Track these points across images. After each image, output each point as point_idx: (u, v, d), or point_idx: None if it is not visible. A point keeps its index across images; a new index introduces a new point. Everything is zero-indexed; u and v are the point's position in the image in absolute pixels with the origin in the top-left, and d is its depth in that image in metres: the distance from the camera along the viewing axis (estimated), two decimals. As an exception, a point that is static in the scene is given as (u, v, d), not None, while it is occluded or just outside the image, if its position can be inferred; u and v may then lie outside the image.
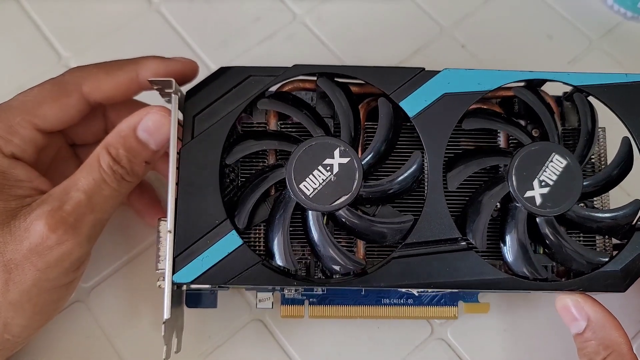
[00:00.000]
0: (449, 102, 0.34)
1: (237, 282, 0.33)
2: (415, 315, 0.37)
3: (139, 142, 0.33)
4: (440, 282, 0.33)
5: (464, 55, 0.47)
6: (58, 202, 0.31)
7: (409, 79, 0.35)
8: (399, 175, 0.34)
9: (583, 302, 0.34)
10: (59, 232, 0.31)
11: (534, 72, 0.35)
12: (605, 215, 0.34)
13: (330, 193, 0.33)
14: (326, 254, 0.33)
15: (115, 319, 0.39)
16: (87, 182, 0.32)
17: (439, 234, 0.33)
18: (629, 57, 0.47)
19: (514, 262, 0.34)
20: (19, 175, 0.33)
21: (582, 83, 0.35)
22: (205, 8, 0.48)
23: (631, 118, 0.35)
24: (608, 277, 0.33)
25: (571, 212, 0.34)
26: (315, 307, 0.37)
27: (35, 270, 0.31)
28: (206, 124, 0.34)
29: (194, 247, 0.33)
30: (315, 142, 0.33)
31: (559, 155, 0.34)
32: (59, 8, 0.47)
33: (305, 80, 0.36)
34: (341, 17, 0.48)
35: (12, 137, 0.33)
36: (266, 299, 0.37)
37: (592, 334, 0.34)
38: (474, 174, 0.35)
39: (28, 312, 0.32)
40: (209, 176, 0.33)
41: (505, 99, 0.38)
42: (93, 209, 0.32)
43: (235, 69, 0.35)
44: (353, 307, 0.37)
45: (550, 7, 0.49)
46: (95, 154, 0.33)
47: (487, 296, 0.39)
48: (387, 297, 0.38)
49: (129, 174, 0.33)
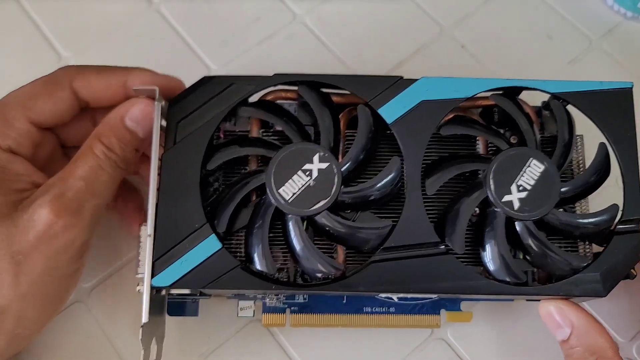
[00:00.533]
0: (427, 109, 0.35)
1: (216, 286, 0.33)
2: (397, 324, 0.37)
3: (128, 130, 0.34)
4: (419, 286, 0.33)
5: (463, 55, 0.47)
6: (58, 190, 0.32)
7: (387, 87, 0.35)
8: (378, 180, 0.34)
9: (566, 308, 0.34)
10: (65, 218, 0.32)
11: (511, 79, 0.36)
12: (584, 220, 0.35)
13: (309, 198, 0.33)
14: (305, 257, 0.33)
15: (116, 319, 0.39)
16: (85, 170, 0.33)
17: (418, 238, 0.33)
18: (629, 57, 0.48)
19: (492, 266, 0.34)
20: (18, 169, 0.33)
21: (559, 90, 0.36)
22: (205, 8, 0.48)
23: (607, 125, 0.35)
24: (588, 281, 0.33)
25: (550, 216, 0.34)
26: (296, 315, 0.37)
27: (44, 259, 0.32)
28: (188, 130, 0.35)
29: (174, 251, 0.33)
30: (295, 148, 0.34)
31: (536, 160, 0.34)
32: (59, 8, 0.48)
33: (287, 90, 0.37)
34: (341, 17, 0.48)
35: (9, 130, 0.33)
36: (248, 307, 0.37)
37: (577, 340, 0.34)
38: (453, 180, 0.35)
39: (39, 304, 0.33)
40: (190, 181, 0.34)
41: (486, 108, 0.38)
42: (93, 195, 0.33)
43: (217, 78, 0.36)
44: (334, 316, 0.37)
45: (550, 7, 0.49)
46: (87, 144, 0.34)
47: (470, 305, 0.39)
48: (369, 306, 0.37)
49: (122, 161, 0.34)
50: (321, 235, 0.35)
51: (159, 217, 0.33)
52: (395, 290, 0.33)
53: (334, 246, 0.35)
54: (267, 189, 0.33)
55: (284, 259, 0.35)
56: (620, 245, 0.34)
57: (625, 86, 0.36)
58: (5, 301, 0.32)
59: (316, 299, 0.37)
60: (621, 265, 0.33)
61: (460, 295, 0.36)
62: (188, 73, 0.37)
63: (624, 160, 0.35)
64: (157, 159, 0.34)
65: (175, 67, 0.38)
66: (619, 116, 0.35)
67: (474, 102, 0.37)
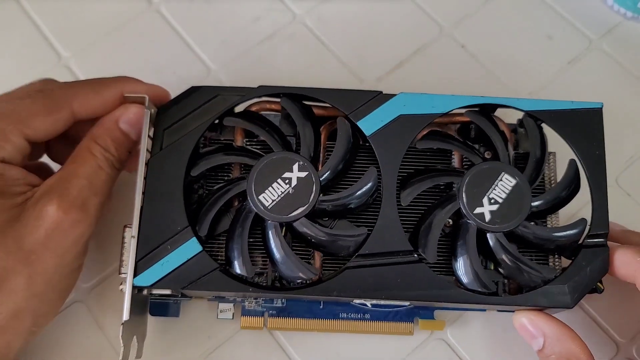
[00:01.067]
0: (404, 123, 0.36)
1: (196, 287, 0.34)
2: (372, 330, 0.38)
3: (122, 132, 0.36)
4: (392, 292, 0.34)
5: (463, 55, 0.48)
6: (62, 188, 0.33)
7: (366, 100, 0.37)
8: (356, 189, 0.35)
9: (537, 319, 0.35)
10: (72, 214, 0.33)
11: (485, 97, 0.37)
12: (554, 233, 0.36)
13: (288, 205, 0.34)
14: (283, 262, 0.34)
15: (116, 319, 0.39)
16: (86, 169, 0.34)
17: (392, 247, 0.35)
18: (628, 57, 0.48)
19: (463, 276, 0.35)
20: (13, 175, 0.34)
21: (532, 109, 0.37)
22: (205, 8, 0.49)
23: (578, 143, 0.36)
24: (556, 293, 0.34)
25: (520, 229, 0.35)
26: (274, 319, 0.38)
27: (54, 256, 0.33)
28: (174, 137, 0.36)
29: (156, 252, 0.34)
30: (276, 157, 0.35)
31: (508, 175, 0.35)
32: (59, 8, 0.48)
33: (272, 102, 0.39)
34: (341, 17, 0.49)
35: (5, 143, 0.34)
36: (227, 309, 0.38)
37: (550, 348, 0.35)
38: (428, 192, 0.37)
39: (52, 301, 0.34)
40: (174, 186, 0.35)
41: (464, 125, 0.40)
42: (95, 193, 0.35)
43: (205, 89, 0.37)
44: (311, 320, 0.38)
45: (550, 7, 0.49)
46: (84, 145, 0.35)
47: (443, 313, 0.40)
48: (345, 312, 0.38)
49: (118, 161, 0.36)
50: (299, 241, 0.36)
51: (143, 219, 0.35)
52: (368, 297, 0.34)
53: (311, 252, 0.36)
54: (247, 195, 0.35)
55: (263, 264, 0.37)
56: (587, 258, 0.35)
57: (596, 106, 0.37)
58: (22, 303, 0.32)
59: (294, 304, 0.38)
60: (588, 278, 0.35)
61: (432, 303, 0.37)
62: (188, 73, 0.38)
63: (592, 177, 0.36)
64: (143, 164, 0.35)
65: (176, 67, 0.38)
66: (589, 135, 0.37)
67: (451, 119, 0.39)
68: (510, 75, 0.35)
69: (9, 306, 0.32)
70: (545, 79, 0.47)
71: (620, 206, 0.41)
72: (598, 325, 0.40)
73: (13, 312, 0.32)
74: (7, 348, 0.33)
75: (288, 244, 0.35)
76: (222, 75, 0.46)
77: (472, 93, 0.37)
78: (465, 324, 0.40)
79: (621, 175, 0.44)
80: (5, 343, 0.33)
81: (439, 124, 0.39)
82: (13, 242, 0.32)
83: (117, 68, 0.44)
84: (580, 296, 0.34)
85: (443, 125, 0.39)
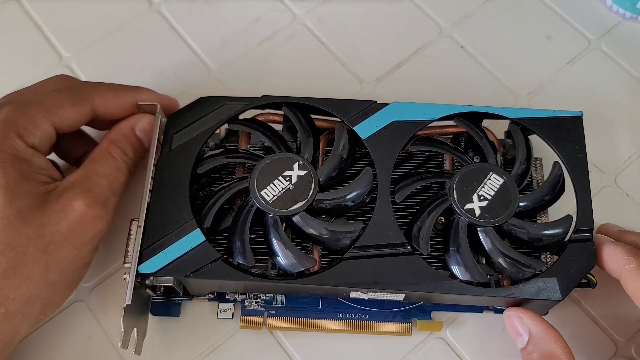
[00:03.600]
0: (397, 128, 0.39)
1: (198, 276, 0.35)
2: (370, 331, 0.39)
3: (138, 139, 0.39)
4: (386, 282, 0.35)
5: (463, 55, 0.48)
6: (86, 185, 0.35)
7: (362, 109, 0.40)
8: (352, 188, 0.37)
9: (525, 316, 0.36)
10: (95, 209, 0.35)
11: (473, 106, 0.40)
12: (542, 230, 0.37)
13: (288, 199, 0.36)
14: (281, 252, 0.36)
15: (116, 318, 0.38)
16: (106, 170, 0.37)
17: (387, 239, 0.36)
18: (628, 57, 0.48)
19: (455, 268, 0.36)
20: (41, 163, 0.36)
21: (517, 116, 0.40)
22: (205, 8, 0.49)
23: (561, 147, 0.39)
24: (546, 285, 0.35)
25: (509, 225, 0.37)
26: (273, 318, 0.39)
27: (72, 248, 0.34)
28: (183, 139, 0.39)
29: (161, 242, 0.36)
30: (278, 157, 0.38)
31: (496, 175, 0.38)
32: (60, 8, 0.49)
33: (275, 114, 0.41)
34: (341, 17, 0.49)
35: (35, 130, 0.36)
36: (227, 309, 0.39)
37: (534, 346, 0.35)
38: (421, 193, 0.39)
39: (63, 290, 0.36)
40: (181, 182, 0.37)
41: (455, 136, 0.42)
42: (114, 193, 0.37)
43: (212, 99, 0.40)
44: (311, 320, 0.39)
45: (550, 8, 0.50)
46: (103, 148, 0.38)
47: (440, 314, 0.40)
48: (343, 312, 0.39)
49: (133, 165, 0.39)
50: (299, 237, 0.38)
51: (150, 212, 0.36)
52: (363, 286, 0.35)
53: (310, 247, 0.38)
54: (249, 190, 0.37)
55: (263, 258, 0.38)
56: (574, 252, 0.36)
57: (576, 114, 0.40)
58: (35, 290, 0.33)
59: (293, 304, 0.39)
60: (576, 271, 0.36)
61: (427, 295, 0.38)
62: (188, 73, 0.39)
63: (576, 178, 0.38)
64: (152, 165, 0.38)
65: (176, 68, 0.39)
66: (571, 140, 0.39)
67: (442, 130, 0.41)
68: (509, 76, 0.36)
69: (23, 292, 0.33)
70: (545, 80, 0.47)
71: (619, 206, 0.43)
72: (597, 325, 0.40)
73: (26, 298, 0.33)
74: (14, 333, 0.34)
75: (289, 238, 0.37)
76: (222, 76, 0.47)
77: (471, 93, 0.38)
78: (466, 324, 0.40)
79: (620, 176, 0.45)
80: (14, 328, 0.34)
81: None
82: (35, 230, 0.33)
83: (118, 68, 0.46)
84: (569, 289, 0.35)
85: (436, 136, 0.42)
